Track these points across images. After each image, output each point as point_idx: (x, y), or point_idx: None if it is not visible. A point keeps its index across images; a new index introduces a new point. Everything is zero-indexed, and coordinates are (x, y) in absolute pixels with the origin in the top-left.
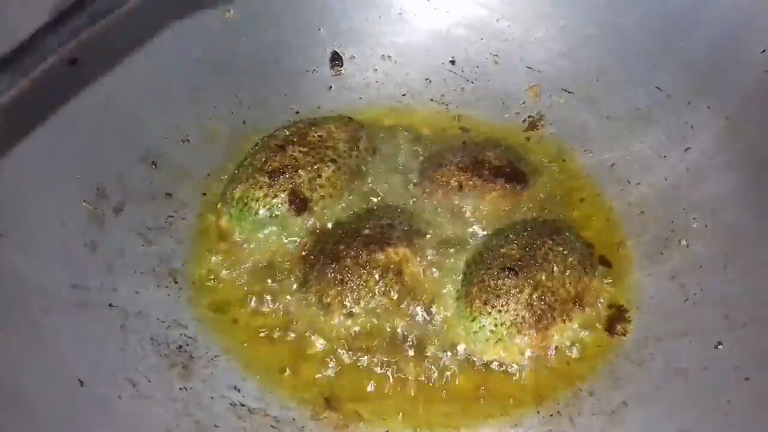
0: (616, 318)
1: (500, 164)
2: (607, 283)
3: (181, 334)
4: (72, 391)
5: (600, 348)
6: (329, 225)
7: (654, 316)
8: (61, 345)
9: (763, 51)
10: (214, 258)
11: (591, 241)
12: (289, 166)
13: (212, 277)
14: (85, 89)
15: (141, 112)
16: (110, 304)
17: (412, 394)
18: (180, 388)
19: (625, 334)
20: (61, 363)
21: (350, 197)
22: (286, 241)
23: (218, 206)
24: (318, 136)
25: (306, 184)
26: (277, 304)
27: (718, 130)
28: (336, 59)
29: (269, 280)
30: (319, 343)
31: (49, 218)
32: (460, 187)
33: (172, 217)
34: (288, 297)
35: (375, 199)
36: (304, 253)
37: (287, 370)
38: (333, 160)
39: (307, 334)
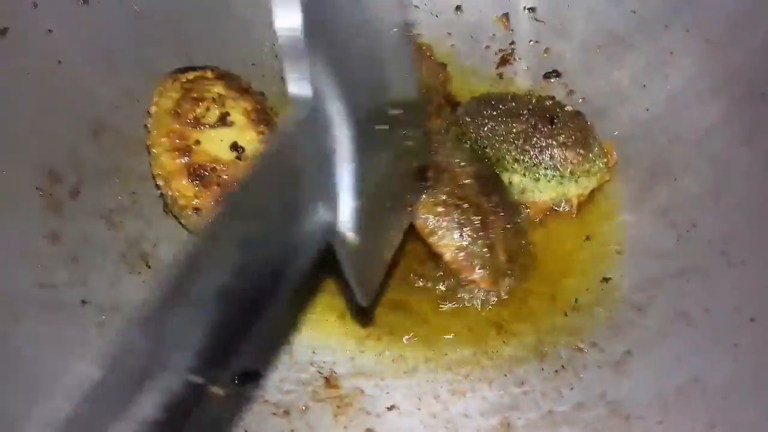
0: None
1: None
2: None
3: None
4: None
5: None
6: None
7: (647, 257)
8: (37, 355)
9: None
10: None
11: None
12: None
13: None
14: (18, 61)
15: (84, 80)
16: (83, 301)
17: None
18: None
19: None
20: (39, 376)
21: None
22: None
23: None
24: None
25: None
26: None
27: (699, 55)
28: None
29: None
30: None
31: (1, 213)
32: None
33: (135, 194)
34: None
35: None
36: None
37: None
38: None
39: None
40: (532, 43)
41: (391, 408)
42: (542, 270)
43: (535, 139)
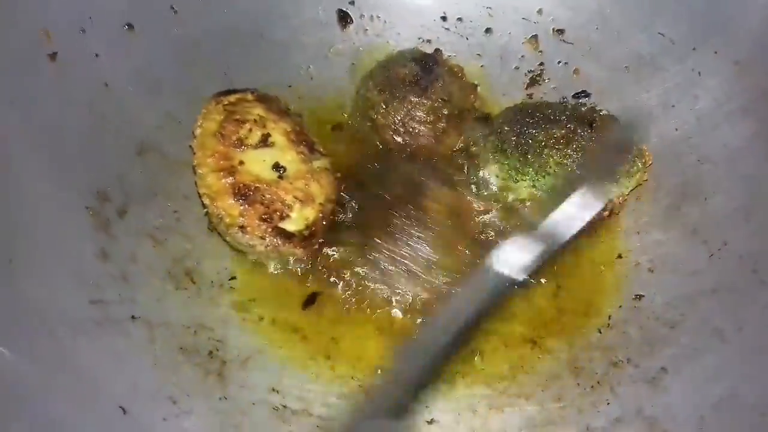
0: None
1: None
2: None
3: (209, 338)
4: (115, 420)
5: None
6: None
7: (679, 275)
8: (94, 370)
9: None
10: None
11: None
12: None
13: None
14: (66, 85)
15: (130, 103)
16: (133, 317)
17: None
18: (220, 398)
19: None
20: (98, 390)
21: None
22: None
23: None
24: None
25: None
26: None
27: (727, 76)
28: (344, 17)
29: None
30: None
31: (53, 233)
32: None
33: (178, 212)
34: None
35: None
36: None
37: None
38: None
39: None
40: (560, 64)
41: (431, 422)
42: (575, 288)
43: (576, 142)
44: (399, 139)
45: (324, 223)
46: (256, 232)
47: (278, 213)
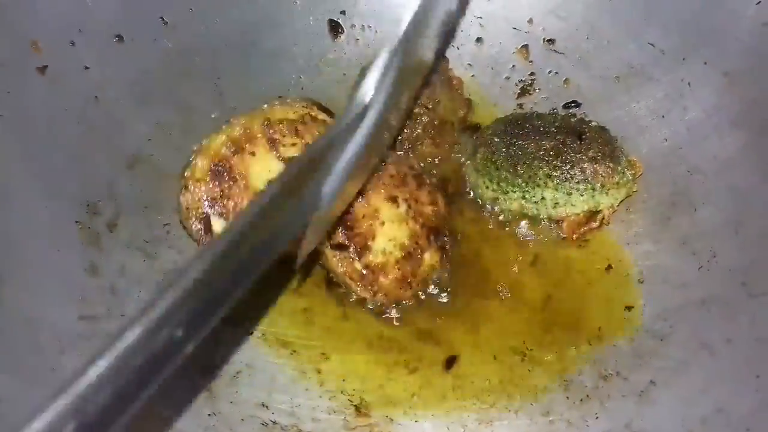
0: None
1: None
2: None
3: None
4: None
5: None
6: None
7: (669, 287)
8: None
9: (759, 2)
10: None
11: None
12: None
13: None
14: (56, 97)
15: (120, 115)
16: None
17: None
18: (209, 414)
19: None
20: None
21: None
22: None
23: None
24: None
25: None
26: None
27: (717, 87)
28: (336, 27)
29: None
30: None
31: (43, 247)
32: None
33: (168, 225)
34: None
35: None
36: None
37: (312, 377)
38: None
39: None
40: (551, 74)
41: None
42: (565, 299)
43: (565, 154)
44: None
45: None
46: (190, 201)
47: (222, 209)
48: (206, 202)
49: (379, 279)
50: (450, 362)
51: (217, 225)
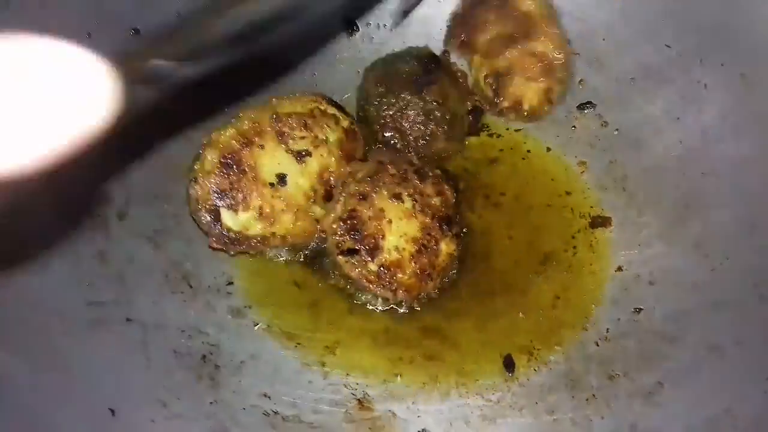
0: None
1: None
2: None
3: (203, 343)
4: (104, 421)
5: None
6: None
7: (680, 289)
8: (86, 370)
9: None
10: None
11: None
12: None
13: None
14: None
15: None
16: (127, 319)
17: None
18: (211, 403)
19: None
20: (89, 391)
21: None
22: None
23: None
24: None
25: None
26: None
27: (733, 89)
28: (350, 25)
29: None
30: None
31: (54, 232)
32: None
33: (178, 216)
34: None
35: None
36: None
37: (316, 369)
38: None
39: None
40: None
41: (422, 431)
42: (573, 299)
43: None
44: (387, 134)
45: (259, 246)
46: (200, 193)
47: (231, 201)
48: (215, 195)
49: (397, 276)
50: (509, 365)
51: (227, 217)
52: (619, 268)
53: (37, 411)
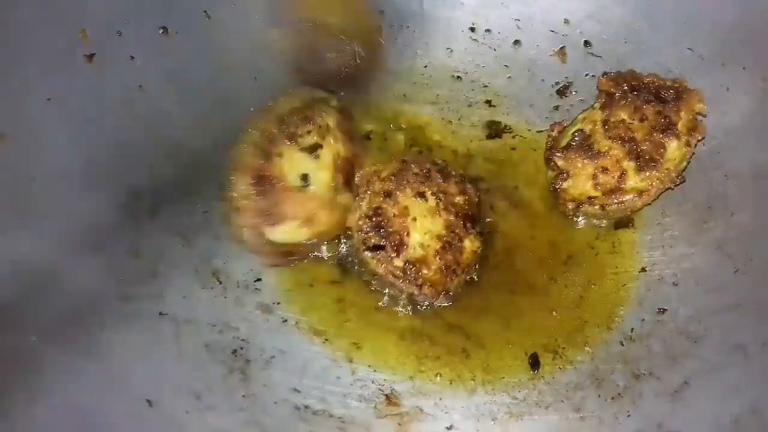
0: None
1: None
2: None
3: (233, 337)
4: (142, 412)
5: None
6: None
7: (704, 289)
8: (122, 362)
9: None
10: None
11: None
12: None
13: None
14: (102, 85)
15: (162, 105)
16: (160, 313)
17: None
18: (242, 396)
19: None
20: (126, 381)
21: None
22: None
23: None
24: None
25: None
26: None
27: (755, 93)
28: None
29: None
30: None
31: (89, 227)
32: None
33: (207, 213)
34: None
35: None
36: None
37: (344, 365)
38: None
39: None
40: (588, 76)
41: (450, 428)
42: (598, 300)
43: None
44: None
45: (311, 249)
46: (245, 220)
47: (273, 218)
48: (258, 217)
49: (422, 271)
50: (534, 365)
51: (275, 234)
52: (643, 269)
53: (79, 400)
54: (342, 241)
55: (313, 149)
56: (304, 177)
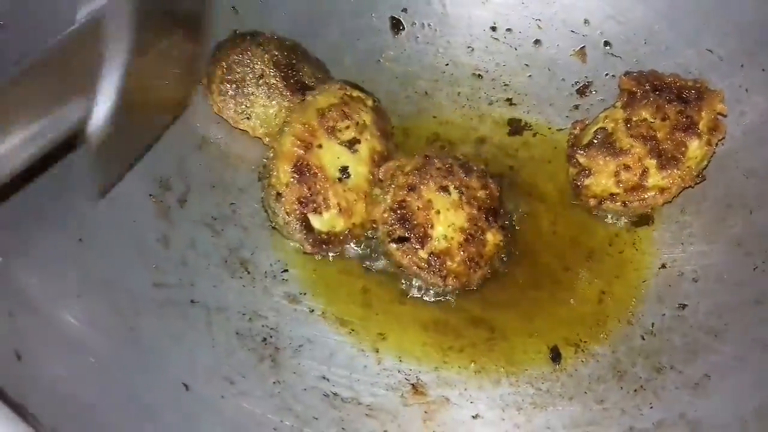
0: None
1: None
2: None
3: (263, 326)
4: (180, 394)
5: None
6: None
7: (723, 285)
8: (159, 347)
9: None
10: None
11: None
12: None
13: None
14: None
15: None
16: (192, 301)
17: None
18: (273, 382)
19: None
20: (162, 365)
21: None
22: None
23: None
24: None
25: None
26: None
27: None
28: (397, 24)
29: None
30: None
31: (120, 217)
32: None
33: (235, 204)
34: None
35: None
36: None
37: (370, 355)
38: None
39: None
40: (608, 76)
41: (476, 416)
42: (619, 296)
43: None
44: None
45: (345, 240)
46: (287, 206)
47: (315, 205)
48: (301, 203)
49: (447, 263)
50: (555, 357)
51: (315, 221)
52: (663, 266)
53: (118, 380)
54: (367, 233)
55: (351, 144)
56: (343, 169)
